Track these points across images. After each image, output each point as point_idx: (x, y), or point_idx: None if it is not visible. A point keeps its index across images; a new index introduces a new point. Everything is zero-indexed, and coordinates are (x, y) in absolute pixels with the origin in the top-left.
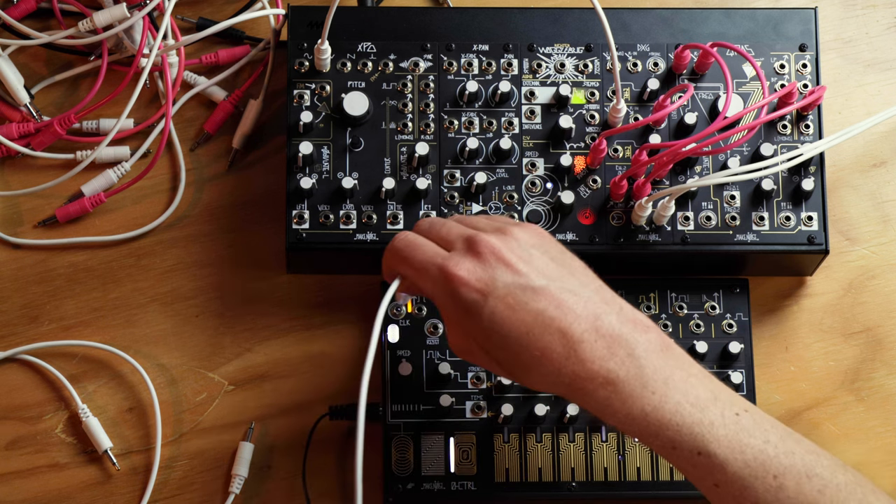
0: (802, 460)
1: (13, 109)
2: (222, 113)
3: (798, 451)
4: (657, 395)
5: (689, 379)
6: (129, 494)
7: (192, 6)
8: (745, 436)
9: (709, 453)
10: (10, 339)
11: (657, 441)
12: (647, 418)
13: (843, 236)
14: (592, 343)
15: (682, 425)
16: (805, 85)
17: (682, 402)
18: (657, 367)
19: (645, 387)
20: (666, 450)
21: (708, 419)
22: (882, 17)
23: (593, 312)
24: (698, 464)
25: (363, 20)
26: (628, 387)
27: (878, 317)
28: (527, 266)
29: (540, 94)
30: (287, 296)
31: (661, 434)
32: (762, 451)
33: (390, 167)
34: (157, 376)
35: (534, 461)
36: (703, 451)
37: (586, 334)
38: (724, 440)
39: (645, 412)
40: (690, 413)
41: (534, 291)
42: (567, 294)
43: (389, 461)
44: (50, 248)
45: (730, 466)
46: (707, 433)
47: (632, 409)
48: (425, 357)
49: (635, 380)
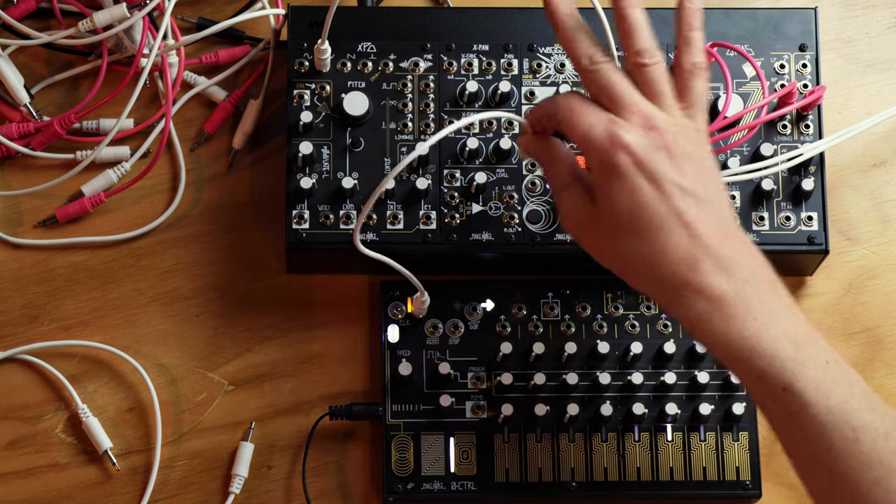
0: (882, 420)
1: (13, 109)
2: (222, 113)
3: (879, 411)
4: (758, 323)
5: (790, 317)
6: (129, 494)
7: (192, 6)
8: (833, 383)
9: (795, 391)
10: (10, 339)
11: (745, 367)
12: (743, 342)
13: (843, 236)
14: (715, 258)
15: (775, 357)
16: (805, 85)
17: (780, 335)
18: (764, 297)
19: (749, 312)
20: (751, 378)
21: (801, 358)
22: (882, 17)
23: (724, 231)
24: (780, 399)
25: (363, 20)
26: (733, 308)
27: (878, 317)
28: (689, 167)
29: (540, 95)
30: (287, 296)
31: (752, 361)
32: (846, 401)
33: (390, 167)
34: (157, 376)
35: (534, 461)
36: (788, 388)
37: (712, 249)
38: (813, 382)
39: (743, 336)
40: (787, 348)
41: (682, 190)
42: (709, 207)
43: (389, 461)
44: (50, 248)
45: (812, 408)
46: (798, 371)
47: (730, 330)
48: (425, 357)
49: (742, 304)
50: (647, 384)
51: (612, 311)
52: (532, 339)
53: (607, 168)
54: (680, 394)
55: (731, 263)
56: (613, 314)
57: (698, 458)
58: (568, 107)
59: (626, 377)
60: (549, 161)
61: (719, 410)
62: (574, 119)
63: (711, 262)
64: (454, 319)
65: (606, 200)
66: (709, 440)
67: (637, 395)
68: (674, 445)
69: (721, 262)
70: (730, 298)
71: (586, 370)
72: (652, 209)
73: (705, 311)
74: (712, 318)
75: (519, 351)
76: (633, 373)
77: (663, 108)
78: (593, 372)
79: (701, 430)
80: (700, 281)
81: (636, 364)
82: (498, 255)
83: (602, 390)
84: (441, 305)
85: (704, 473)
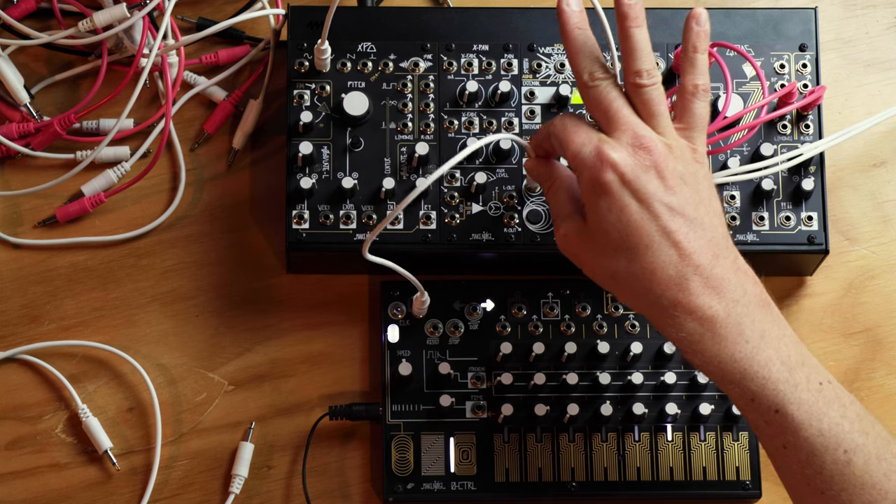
0: (875, 442)
1: (13, 109)
2: (222, 113)
3: (872, 433)
4: (750, 345)
5: (782, 338)
6: (129, 494)
7: (192, 6)
8: (825, 405)
9: (786, 413)
10: (10, 339)
11: (737, 389)
12: (734, 364)
13: (843, 236)
14: (705, 278)
15: (767, 380)
16: (805, 85)
17: (773, 357)
18: (756, 319)
19: (741, 334)
20: (743, 400)
21: (794, 380)
22: (882, 17)
23: (714, 251)
24: (772, 421)
25: (363, 20)
26: (724, 329)
27: (878, 317)
28: (680, 186)
29: (540, 94)
30: (287, 296)
31: (743, 383)
32: (838, 423)
33: (390, 167)
34: (157, 376)
35: (534, 461)
36: (781, 410)
37: (702, 269)
38: (805, 405)
39: (734, 358)
40: (779, 370)
41: (671, 210)
42: (699, 226)
43: (389, 461)
44: (50, 248)
45: (804, 431)
46: (790, 393)
47: (721, 352)
48: (425, 357)
49: (733, 325)
50: (647, 384)
51: (612, 311)
52: (532, 339)
53: (595, 186)
54: (680, 394)
55: (722, 283)
56: (613, 314)
57: (698, 458)
58: (562, 126)
59: (626, 377)
60: (549, 182)
61: (719, 410)
62: (567, 137)
63: (701, 281)
64: (454, 319)
65: (595, 218)
66: (709, 440)
67: (637, 395)
68: (674, 445)
69: (711, 282)
70: (721, 319)
71: (586, 370)
72: (640, 228)
73: (696, 332)
74: (703, 339)
75: (519, 351)
76: (633, 373)
77: (658, 128)
78: (593, 372)
79: (701, 430)
80: (690, 301)
81: (636, 364)
82: (498, 255)
83: (602, 390)
84: (441, 305)
85: (704, 473)
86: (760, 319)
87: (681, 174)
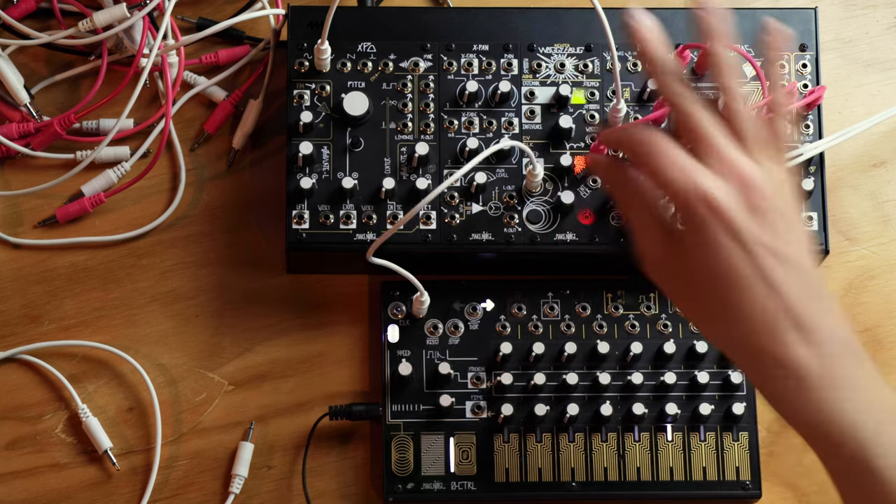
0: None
1: (13, 109)
2: (222, 113)
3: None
4: (839, 400)
5: (875, 390)
6: (129, 494)
7: (192, 6)
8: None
9: (871, 470)
10: (10, 339)
11: (821, 443)
12: (820, 416)
13: (843, 236)
14: (800, 326)
15: (855, 438)
16: (805, 85)
17: (862, 413)
18: (847, 371)
19: (833, 387)
20: (825, 451)
21: (883, 438)
22: (882, 17)
23: (810, 295)
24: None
25: (363, 20)
26: (814, 381)
27: (878, 317)
28: (781, 225)
29: (540, 94)
30: (287, 296)
31: (829, 437)
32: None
33: (390, 167)
34: (157, 376)
35: (534, 461)
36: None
37: (798, 316)
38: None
39: (821, 410)
40: (866, 426)
41: (770, 251)
42: (796, 269)
43: (389, 461)
44: (50, 248)
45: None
46: (877, 450)
47: (808, 405)
48: (425, 357)
49: (826, 378)
50: (647, 384)
51: (612, 311)
52: (532, 339)
53: (694, 223)
54: (680, 394)
55: (818, 334)
56: (613, 314)
57: (698, 458)
58: (654, 146)
59: (626, 377)
60: (628, 196)
61: (719, 410)
62: (659, 162)
63: (795, 329)
64: (454, 319)
65: (689, 253)
66: (709, 440)
67: (637, 395)
68: (674, 445)
69: (805, 331)
70: (814, 372)
71: (586, 370)
72: (737, 270)
73: (784, 383)
74: (788, 389)
75: (519, 351)
76: (633, 373)
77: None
78: (593, 372)
79: (701, 430)
80: (783, 353)
81: (636, 364)
82: (498, 255)
83: (602, 390)
84: (441, 305)
85: (704, 473)
86: (852, 371)
87: (781, 212)
